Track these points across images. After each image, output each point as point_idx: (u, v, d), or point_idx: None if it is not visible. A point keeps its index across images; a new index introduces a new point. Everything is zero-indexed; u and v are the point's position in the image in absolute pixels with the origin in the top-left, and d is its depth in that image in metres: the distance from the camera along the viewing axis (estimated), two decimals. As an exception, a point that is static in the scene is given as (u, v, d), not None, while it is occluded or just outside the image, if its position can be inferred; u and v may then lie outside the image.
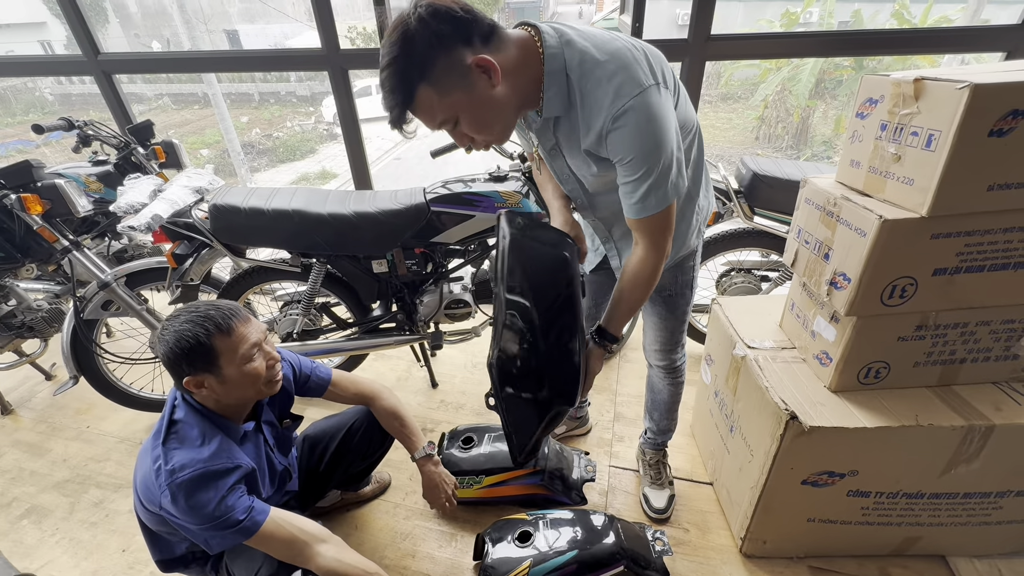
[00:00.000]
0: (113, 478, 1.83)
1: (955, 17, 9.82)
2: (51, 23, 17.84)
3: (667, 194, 0.93)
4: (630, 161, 0.90)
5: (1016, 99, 0.86)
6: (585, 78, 0.88)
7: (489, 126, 0.91)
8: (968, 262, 1.03)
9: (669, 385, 1.48)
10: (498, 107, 0.88)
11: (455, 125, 0.89)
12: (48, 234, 1.67)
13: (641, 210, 0.95)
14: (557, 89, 0.90)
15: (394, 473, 1.77)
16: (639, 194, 0.93)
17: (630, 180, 0.93)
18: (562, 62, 0.89)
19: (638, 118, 0.85)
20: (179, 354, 1.04)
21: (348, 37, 14.53)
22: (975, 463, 1.17)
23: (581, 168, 1.05)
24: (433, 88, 0.82)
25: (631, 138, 0.87)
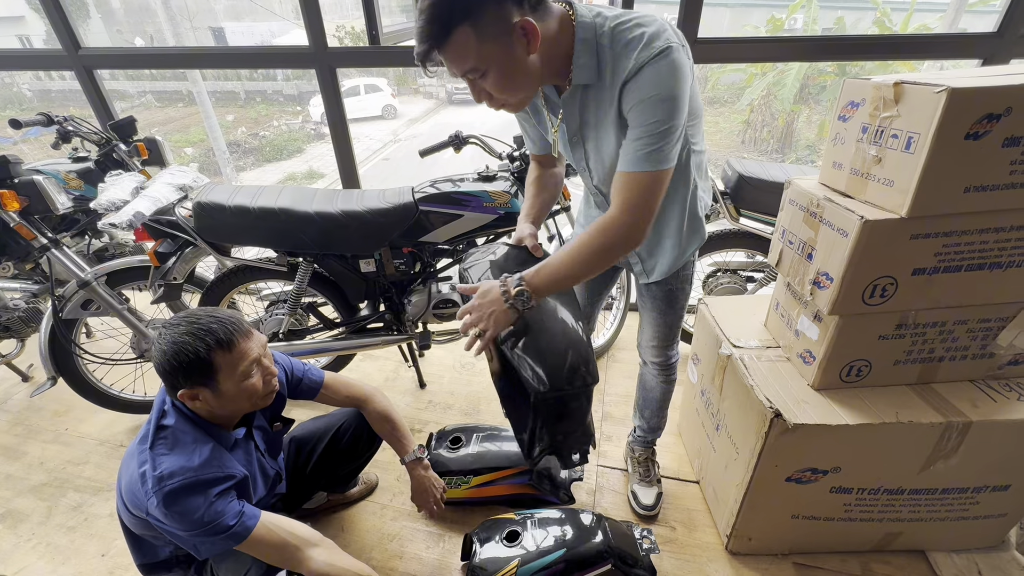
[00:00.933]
0: (92, 481, 1.79)
1: (934, 25, 10.06)
2: (30, 18, 17.46)
3: (667, 153, 0.89)
4: (643, 103, 0.87)
5: (991, 103, 0.88)
6: (616, 42, 0.89)
7: (513, 89, 0.91)
8: (946, 262, 1.05)
9: (662, 383, 1.49)
10: (527, 73, 0.89)
11: (481, 76, 0.88)
12: (26, 231, 1.63)
13: (640, 161, 0.90)
14: (588, 57, 0.91)
15: (381, 474, 1.76)
16: (642, 141, 0.89)
17: (638, 126, 0.89)
18: (593, 31, 0.90)
19: (663, 65, 0.85)
20: (176, 367, 1.01)
21: (336, 36, 14.42)
22: (953, 459, 1.20)
23: (609, 146, 1.01)
24: (474, 31, 0.81)
25: (650, 82, 0.86)
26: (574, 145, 1.09)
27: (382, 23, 2.12)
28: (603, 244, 0.95)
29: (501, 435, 1.69)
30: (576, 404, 1.07)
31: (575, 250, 0.97)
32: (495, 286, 1.01)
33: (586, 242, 0.96)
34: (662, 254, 1.21)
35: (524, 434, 1.11)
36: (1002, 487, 1.27)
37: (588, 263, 0.98)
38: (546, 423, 1.06)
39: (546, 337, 1.04)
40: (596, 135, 1.03)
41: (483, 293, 1.03)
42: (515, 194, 1.74)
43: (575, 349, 1.04)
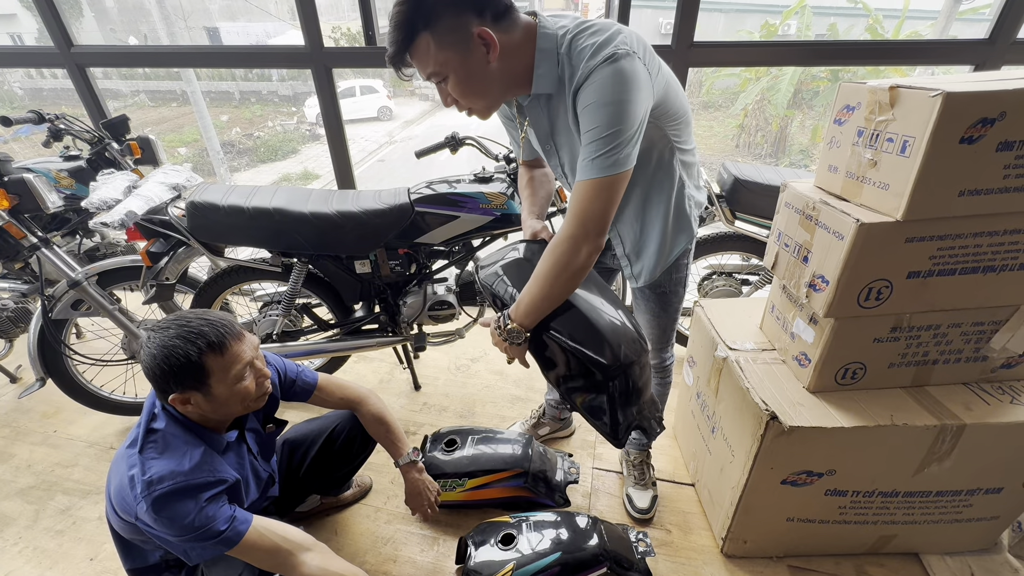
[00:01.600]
0: (81, 484, 1.76)
1: (925, 32, 10.18)
2: (21, 15, 17.31)
3: (613, 160, 0.88)
4: (587, 109, 0.88)
5: (985, 108, 0.88)
6: (572, 49, 0.92)
7: (474, 95, 0.94)
8: (940, 265, 1.06)
9: (657, 385, 1.50)
10: (488, 81, 0.92)
11: (443, 81, 0.92)
12: (15, 230, 1.61)
13: (582, 170, 0.91)
14: (548, 66, 0.94)
15: (375, 477, 1.75)
16: (586, 150, 0.90)
17: (584, 131, 0.90)
18: (554, 42, 0.93)
19: (605, 73, 0.86)
20: (167, 371, 0.99)
21: (332, 37, 14.39)
22: (947, 462, 1.20)
23: (576, 148, 1.01)
24: (433, 38, 0.86)
25: (593, 89, 0.87)
26: (547, 152, 1.13)
27: (379, 24, 2.12)
28: (559, 262, 0.95)
29: (496, 437, 1.68)
30: (640, 373, 1.07)
31: (540, 274, 0.98)
32: (490, 325, 1.08)
33: (546, 264, 0.97)
34: (648, 255, 1.22)
35: (604, 418, 1.06)
36: (995, 490, 1.27)
37: (555, 283, 0.97)
38: (621, 401, 1.05)
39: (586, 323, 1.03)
40: (569, 141, 1.05)
41: (491, 329, 1.09)
42: (511, 195, 1.74)
43: (617, 323, 1.05)
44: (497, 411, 2.05)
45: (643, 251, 1.23)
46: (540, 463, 1.62)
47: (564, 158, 1.11)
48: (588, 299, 1.08)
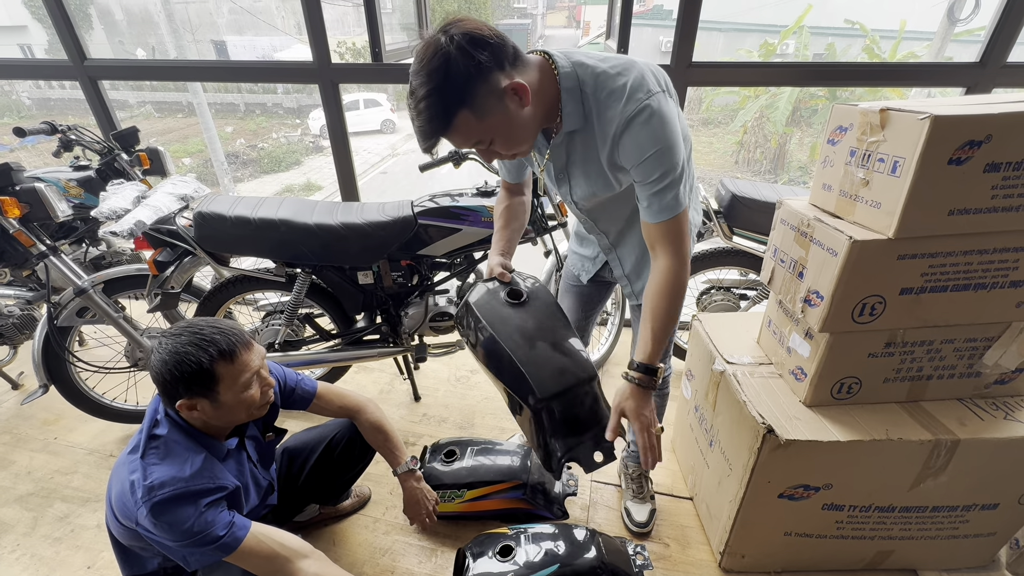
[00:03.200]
0: (80, 491, 1.77)
1: (921, 53, 10.35)
2: (32, 27, 17.59)
3: (680, 197, 0.96)
4: (644, 162, 0.93)
5: (972, 130, 0.92)
6: (599, 90, 0.94)
7: (520, 143, 0.95)
8: (932, 282, 1.08)
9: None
10: (528, 126, 0.93)
11: (489, 145, 0.93)
12: (24, 238, 1.64)
13: (659, 212, 0.97)
14: (574, 105, 0.96)
15: (374, 487, 1.75)
16: (655, 195, 0.96)
17: (646, 182, 0.96)
18: (576, 80, 0.95)
19: (651, 120, 0.90)
20: (178, 377, 1.01)
21: (337, 52, 14.62)
22: (942, 477, 1.21)
23: (596, 183, 1.07)
24: (473, 113, 0.85)
25: (645, 139, 0.91)
26: (560, 181, 1.14)
27: (385, 41, 2.17)
28: (677, 296, 1.01)
29: (495, 449, 1.69)
30: (576, 404, 1.09)
31: (662, 313, 1.02)
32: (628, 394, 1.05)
33: (666, 303, 1.01)
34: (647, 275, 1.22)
35: (539, 450, 1.12)
36: (991, 506, 1.28)
37: (676, 314, 1.03)
38: (553, 431, 1.09)
39: (525, 352, 1.09)
40: (583, 171, 1.08)
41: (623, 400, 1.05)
42: None
43: (558, 352, 1.10)
44: (497, 423, 2.06)
45: (643, 271, 1.26)
46: (539, 475, 1.62)
47: (576, 189, 1.13)
48: (517, 338, 1.11)
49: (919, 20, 10.89)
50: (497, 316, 1.15)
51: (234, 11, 18.17)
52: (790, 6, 11.36)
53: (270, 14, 18.55)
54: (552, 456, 1.10)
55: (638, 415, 1.04)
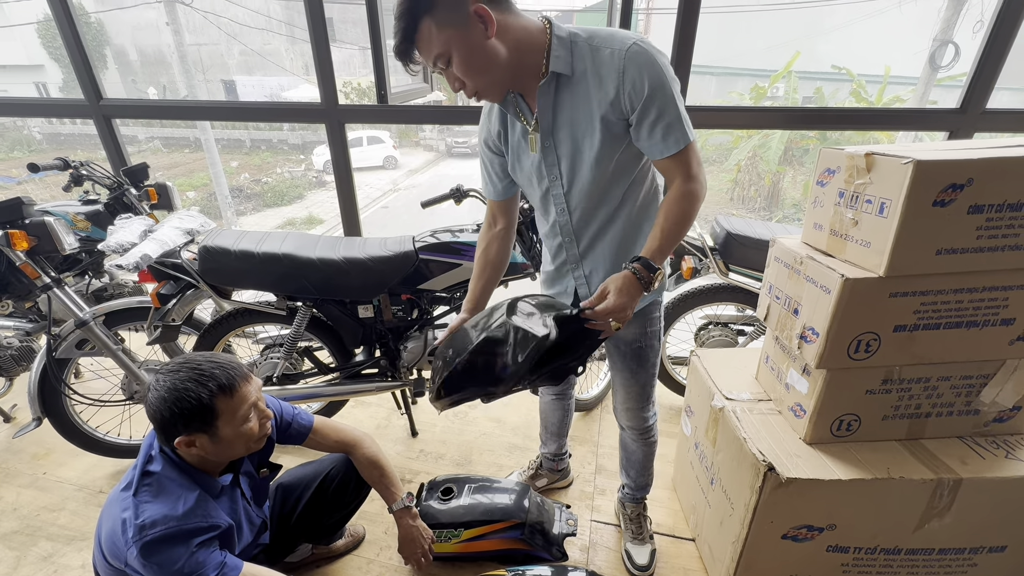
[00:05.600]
0: (66, 529, 1.72)
1: (906, 97, 10.73)
2: (49, 66, 18.21)
3: (687, 130, 1.00)
4: (650, 95, 0.96)
5: (953, 174, 0.96)
6: (593, 38, 1.00)
7: (478, 72, 0.97)
8: (925, 320, 1.10)
9: (642, 446, 1.49)
10: (490, 57, 0.95)
11: (447, 63, 0.96)
12: (30, 271, 1.66)
13: (672, 144, 1.00)
14: (564, 51, 1.00)
15: (369, 526, 1.71)
16: (666, 128, 0.99)
17: (653, 117, 0.98)
18: (568, 32, 1.01)
19: (651, 56, 0.96)
20: (177, 414, 1.00)
21: (343, 92, 15.10)
22: (947, 517, 1.20)
23: (582, 139, 1.06)
24: (433, 21, 0.91)
25: (648, 67, 0.95)
26: (546, 150, 1.11)
27: (391, 83, 2.26)
28: (689, 214, 1.03)
29: (493, 487, 1.66)
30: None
31: (672, 226, 1.03)
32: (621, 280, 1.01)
33: (678, 216, 1.02)
34: None
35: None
36: (999, 548, 1.26)
37: (683, 232, 1.05)
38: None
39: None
40: (571, 134, 1.07)
41: (616, 288, 1.00)
42: (513, 246, 1.80)
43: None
44: (495, 459, 2.03)
45: None
46: (537, 514, 1.59)
47: (562, 154, 1.10)
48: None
49: (903, 66, 11.34)
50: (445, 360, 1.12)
51: (244, 52, 18.86)
52: (779, 52, 11.85)
53: (279, 56, 19.25)
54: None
55: (618, 302, 1.00)
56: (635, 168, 1.11)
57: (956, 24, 8.39)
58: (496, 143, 1.20)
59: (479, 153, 1.28)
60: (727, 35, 15.06)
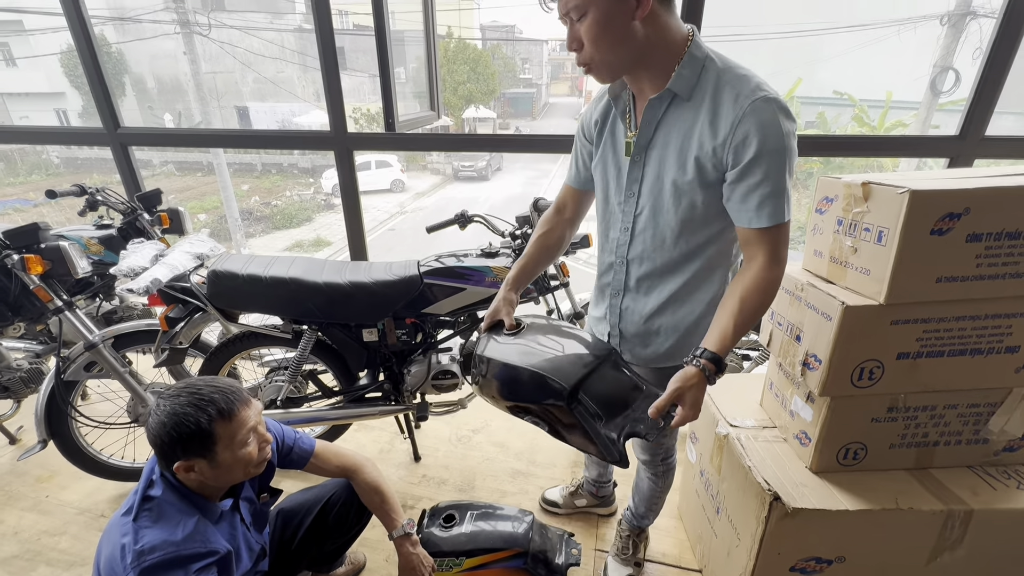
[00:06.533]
0: (66, 555, 1.71)
1: (908, 122, 10.84)
2: (70, 93, 18.83)
3: (786, 207, 0.92)
4: (759, 156, 0.88)
5: (950, 204, 0.97)
6: (726, 72, 0.92)
7: (604, 44, 0.90)
8: (928, 347, 1.10)
9: (649, 479, 1.47)
10: (624, 35, 0.89)
11: (580, 18, 0.89)
12: (44, 294, 1.69)
13: (765, 217, 0.91)
14: (692, 71, 0.93)
15: (370, 553, 1.69)
16: (764, 196, 0.90)
17: (755, 180, 0.90)
18: (704, 56, 0.94)
19: (777, 115, 0.87)
20: (175, 438, 1.00)
21: (352, 117, 15.49)
22: (960, 550, 1.17)
23: (672, 167, 0.99)
24: None
25: (767, 127, 0.87)
26: (635, 162, 1.05)
27: (398, 111, 2.32)
28: (766, 300, 0.96)
29: (496, 514, 1.63)
30: (605, 382, 1.06)
31: (746, 310, 0.95)
32: (691, 380, 0.94)
33: (754, 302, 0.95)
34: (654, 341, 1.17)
35: (599, 448, 1.03)
36: (1015, 584, 1.22)
37: (757, 316, 0.97)
38: (598, 418, 1.03)
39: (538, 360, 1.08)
40: (660, 157, 1.01)
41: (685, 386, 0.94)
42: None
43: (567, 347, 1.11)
44: (497, 485, 2.01)
45: (643, 338, 1.17)
46: (541, 543, 1.56)
47: (649, 174, 1.04)
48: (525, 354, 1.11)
49: (905, 91, 11.49)
50: (501, 349, 1.15)
51: (258, 80, 19.43)
52: (782, 78, 12.06)
53: (291, 83, 19.82)
54: (612, 445, 1.01)
55: (694, 404, 0.94)
56: (716, 226, 1.02)
57: (956, 50, 8.54)
58: (591, 132, 1.14)
59: (575, 134, 1.23)
60: (729, 62, 15.36)
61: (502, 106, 27.68)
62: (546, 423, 1.10)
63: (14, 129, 2.73)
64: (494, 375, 1.14)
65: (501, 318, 1.22)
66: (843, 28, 14.28)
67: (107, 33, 18.02)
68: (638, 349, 1.20)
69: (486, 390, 1.17)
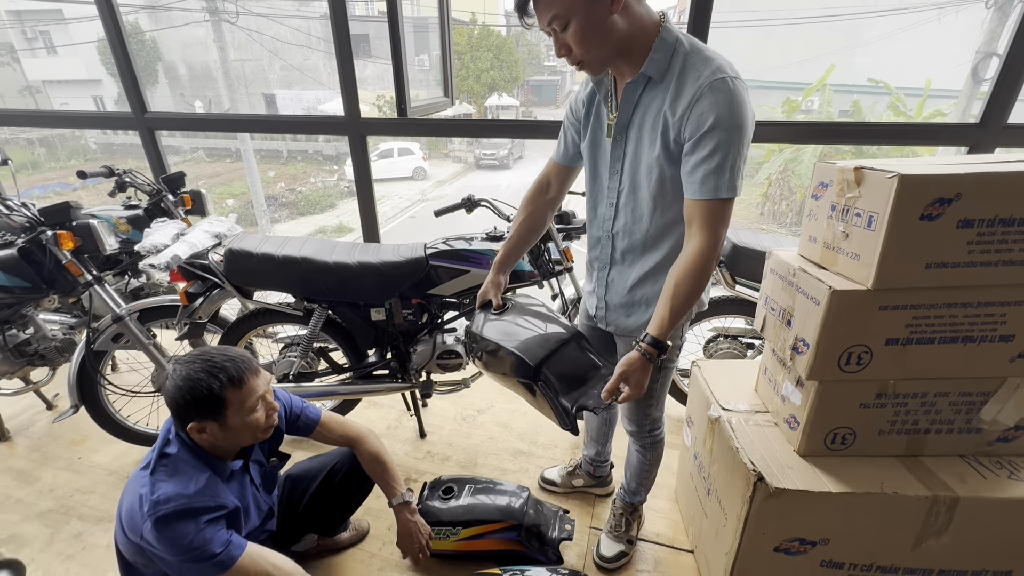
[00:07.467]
0: (96, 511, 1.84)
1: (948, 111, 10.36)
2: (107, 81, 19.45)
3: (733, 183, 0.96)
4: (710, 131, 0.94)
5: (940, 189, 0.96)
6: (693, 54, 0.99)
7: (591, 44, 0.97)
8: (918, 334, 1.10)
9: (637, 452, 1.51)
10: (606, 32, 0.96)
11: (564, 28, 0.96)
12: (75, 268, 1.80)
13: (708, 190, 0.97)
14: (663, 55, 1.00)
15: (373, 523, 1.77)
16: (710, 170, 0.95)
17: (703, 154, 0.95)
18: (675, 39, 1.00)
19: (732, 95, 0.93)
20: (189, 401, 1.09)
21: (376, 104, 15.61)
22: (945, 537, 1.17)
23: (645, 145, 1.07)
24: None
25: (720, 108, 0.93)
26: (616, 142, 1.13)
27: (413, 96, 2.36)
28: (701, 280, 1.02)
29: (495, 489, 1.69)
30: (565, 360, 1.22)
31: (681, 294, 1.03)
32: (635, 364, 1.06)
33: (689, 284, 1.02)
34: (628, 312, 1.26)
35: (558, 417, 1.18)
36: (1004, 573, 1.22)
37: (695, 298, 1.04)
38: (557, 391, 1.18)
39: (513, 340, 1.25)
40: (638, 137, 1.08)
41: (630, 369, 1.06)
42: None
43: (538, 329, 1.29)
44: (499, 463, 2.07)
45: (626, 308, 1.26)
46: (535, 517, 1.62)
47: (629, 152, 1.11)
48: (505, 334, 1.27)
49: (945, 79, 10.97)
50: (487, 327, 1.32)
51: (285, 68, 19.70)
52: (816, 64, 11.64)
53: (317, 71, 20.02)
54: (567, 415, 1.15)
55: (638, 384, 1.07)
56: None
57: (1001, 36, 8.10)
58: (579, 112, 1.21)
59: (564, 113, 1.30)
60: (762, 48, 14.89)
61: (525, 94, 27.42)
62: (525, 391, 1.25)
63: (52, 113, 2.88)
64: (482, 349, 1.29)
65: (490, 298, 1.33)
66: (881, 12, 13.66)
67: (141, 21, 18.49)
68: (622, 319, 1.29)
69: (477, 361, 1.35)
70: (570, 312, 2.12)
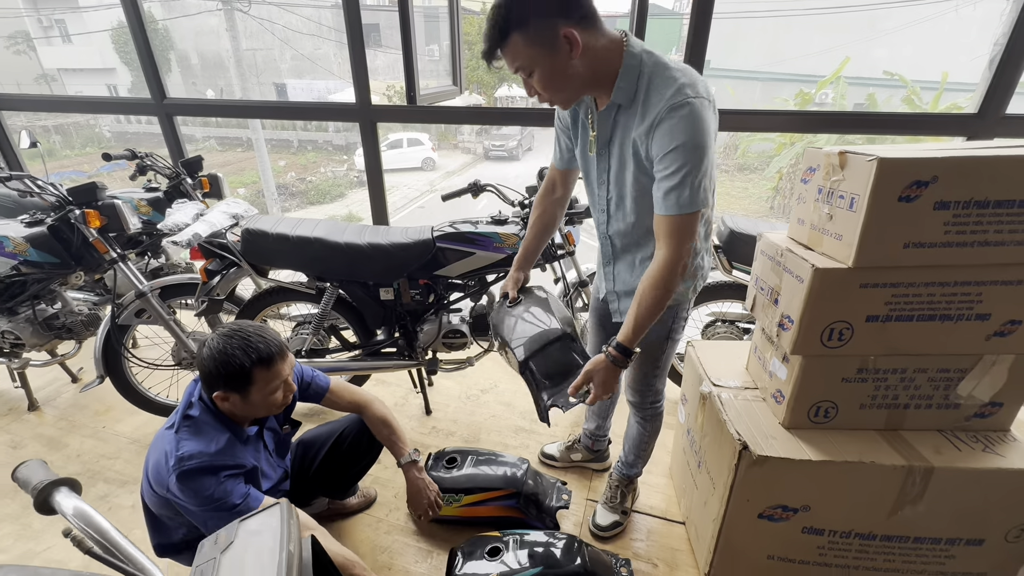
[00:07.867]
0: (121, 475, 1.95)
1: (964, 104, 10.19)
2: (120, 69, 19.65)
3: (696, 197, 1.02)
4: (671, 152, 1.00)
5: (917, 172, 1.02)
6: (656, 76, 1.04)
7: (556, 89, 1.06)
8: (897, 311, 1.15)
9: (637, 424, 1.59)
10: (570, 76, 1.03)
11: (529, 75, 1.04)
12: (101, 246, 1.90)
13: (671, 206, 1.03)
14: (628, 82, 1.06)
15: (381, 490, 1.86)
16: (672, 187, 1.02)
17: (666, 173, 1.02)
18: (639, 62, 1.06)
19: (690, 115, 0.99)
20: (221, 373, 1.17)
21: (387, 94, 15.65)
22: (920, 505, 1.24)
23: (624, 168, 1.15)
24: (523, 38, 0.99)
25: (678, 129, 0.99)
26: (600, 156, 1.21)
27: (422, 85, 2.43)
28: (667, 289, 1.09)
29: (496, 460, 1.78)
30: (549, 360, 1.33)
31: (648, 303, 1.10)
32: (602, 366, 1.16)
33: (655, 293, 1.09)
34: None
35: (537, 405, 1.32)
36: (976, 541, 1.28)
37: (661, 306, 1.11)
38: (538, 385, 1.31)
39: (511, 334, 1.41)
40: (619, 153, 1.16)
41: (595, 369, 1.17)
42: (523, 237, 1.92)
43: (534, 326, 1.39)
44: (501, 439, 2.15)
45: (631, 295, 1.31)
46: (534, 486, 1.70)
47: (613, 166, 1.19)
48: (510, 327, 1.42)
49: (962, 72, 10.77)
50: (500, 317, 1.47)
51: (296, 57, 19.77)
52: (830, 56, 11.48)
53: (328, 60, 20.07)
54: (540, 404, 1.29)
55: (604, 385, 1.17)
56: None
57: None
58: (566, 120, 1.29)
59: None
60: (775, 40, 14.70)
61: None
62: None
63: (75, 99, 2.98)
64: (497, 335, 1.47)
65: (507, 291, 1.47)
66: (897, 3, 13.42)
67: (154, 10, 18.63)
68: (623, 303, 1.36)
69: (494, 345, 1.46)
70: (571, 296, 2.19)
